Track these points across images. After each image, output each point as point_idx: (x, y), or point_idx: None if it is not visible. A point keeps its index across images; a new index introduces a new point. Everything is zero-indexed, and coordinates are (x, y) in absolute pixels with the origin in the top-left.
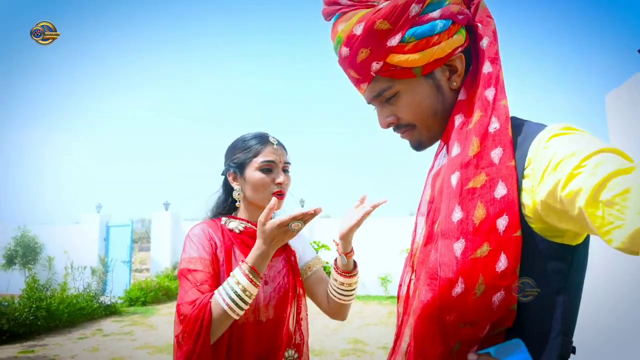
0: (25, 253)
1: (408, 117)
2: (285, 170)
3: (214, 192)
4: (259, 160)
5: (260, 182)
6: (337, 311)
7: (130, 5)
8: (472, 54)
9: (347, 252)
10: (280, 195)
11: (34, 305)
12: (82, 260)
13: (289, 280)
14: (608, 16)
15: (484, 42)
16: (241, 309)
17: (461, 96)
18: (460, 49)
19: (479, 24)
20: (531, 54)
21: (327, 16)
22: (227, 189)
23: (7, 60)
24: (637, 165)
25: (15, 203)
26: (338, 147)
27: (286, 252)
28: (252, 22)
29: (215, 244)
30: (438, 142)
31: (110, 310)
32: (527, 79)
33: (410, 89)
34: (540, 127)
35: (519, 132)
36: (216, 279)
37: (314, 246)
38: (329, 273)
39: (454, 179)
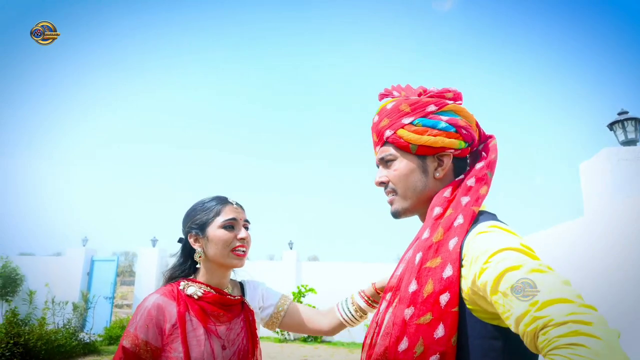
0: (5, 284)
1: (394, 181)
2: (245, 228)
3: (173, 256)
4: (220, 219)
5: (223, 238)
6: (336, 330)
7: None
8: (467, 172)
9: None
10: (242, 252)
11: (12, 341)
12: (64, 294)
13: (248, 343)
14: (583, 90)
15: (478, 165)
16: None
17: (446, 194)
18: (452, 151)
19: (483, 153)
20: (512, 122)
21: (380, 97)
22: (187, 252)
23: (20, 61)
24: (526, 262)
25: None
26: (330, 186)
27: (244, 312)
28: (250, 45)
29: (164, 319)
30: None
31: (89, 349)
32: (509, 142)
33: (404, 160)
34: (479, 223)
35: (474, 226)
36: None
37: (301, 290)
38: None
39: (417, 257)
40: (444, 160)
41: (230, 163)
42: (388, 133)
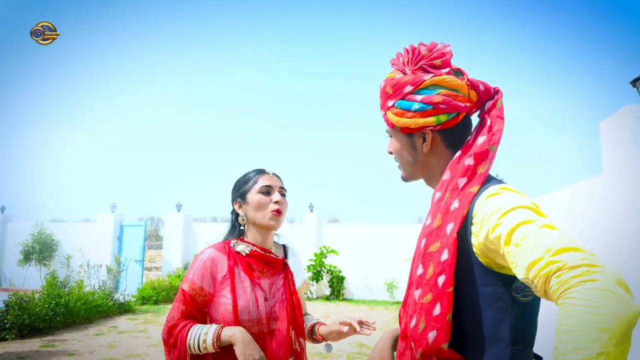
0: (41, 249)
1: (394, 154)
2: (282, 195)
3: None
4: (257, 185)
5: (259, 202)
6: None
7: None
8: (467, 145)
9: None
10: (278, 212)
11: (53, 302)
12: (96, 258)
13: (287, 296)
14: (607, 45)
15: (480, 139)
16: (199, 352)
17: (445, 176)
18: (430, 128)
19: (488, 120)
20: (532, 77)
21: (391, 64)
22: (234, 218)
23: (19, 57)
24: (537, 219)
25: (32, 201)
26: (349, 150)
27: (285, 271)
28: (271, 18)
29: (216, 269)
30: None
31: (124, 308)
32: (529, 100)
33: (395, 137)
34: (489, 186)
35: (482, 191)
36: (199, 303)
37: (323, 251)
38: (337, 277)
39: (422, 243)
40: (425, 137)
41: (252, 130)
42: (382, 113)
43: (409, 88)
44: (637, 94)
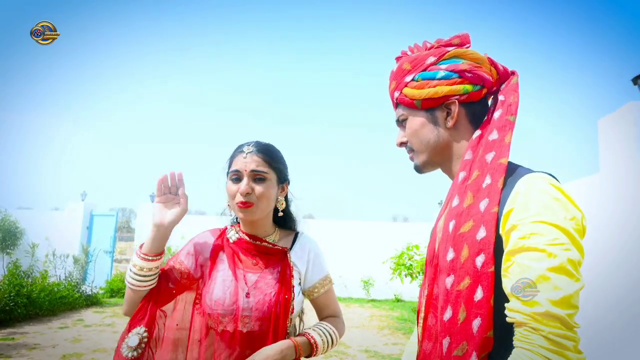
0: (4, 237)
1: (409, 139)
2: (258, 179)
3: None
4: (230, 170)
5: (228, 191)
6: None
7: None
8: (484, 123)
9: None
10: (243, 204)
11: (14, 292)
12: (63, 248)
13: (278, 295)
14: (604, 44)
15: (497, 114)
16: (139, 281)
17: (467, 156)
18: (456, 97)
19: (501, 96)
20: (529, 75)
21: (397, 60)
22: None
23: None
24: (555, 253)
25: None
26: (326, 145)
27: (283, 265)
28: (260, 16)
29: (200, 251)
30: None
31: (91, 301)
32: (522, 99)
33: (413, 117)
34: (523, 171)
35: (518, 170)
36: (174, 278)
37: None
38: None
39: (451, 225)
40: (451, 108)
41: (228, 122)
42: (396, 94)
43: (431, 59)
44: (638, 92)
